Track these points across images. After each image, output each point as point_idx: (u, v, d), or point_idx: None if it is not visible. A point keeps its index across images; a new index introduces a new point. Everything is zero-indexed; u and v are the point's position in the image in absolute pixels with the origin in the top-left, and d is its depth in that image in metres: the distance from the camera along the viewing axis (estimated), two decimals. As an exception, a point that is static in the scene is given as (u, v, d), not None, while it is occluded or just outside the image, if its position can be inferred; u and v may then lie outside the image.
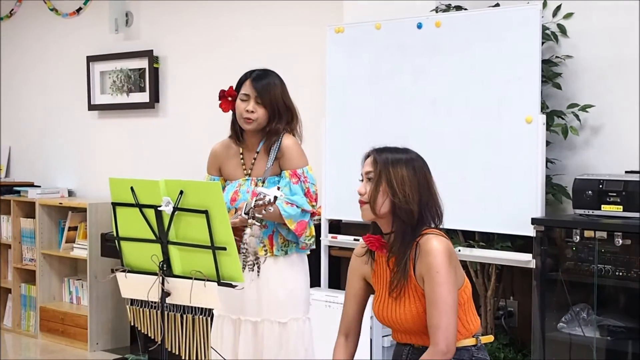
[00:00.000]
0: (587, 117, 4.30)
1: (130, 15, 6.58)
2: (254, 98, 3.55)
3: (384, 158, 2.88)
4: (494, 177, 4.27)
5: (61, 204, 6.62)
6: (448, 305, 2.76)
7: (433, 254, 2.79)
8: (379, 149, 2.94)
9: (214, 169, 3.74)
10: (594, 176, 4.03)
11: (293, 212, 3.48)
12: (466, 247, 4.41)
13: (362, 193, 2.89)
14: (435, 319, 2.76)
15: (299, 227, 3.51)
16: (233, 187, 3.62)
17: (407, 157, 2.90)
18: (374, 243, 2.94)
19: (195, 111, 6.21)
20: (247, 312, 3.57)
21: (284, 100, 3.59)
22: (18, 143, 7.54)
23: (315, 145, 4.88)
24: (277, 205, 3.41)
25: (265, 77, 3.60)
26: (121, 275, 3.17)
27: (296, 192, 3.51)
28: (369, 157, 2.93)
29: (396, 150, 2.93)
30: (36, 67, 7.35)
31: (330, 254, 4.98)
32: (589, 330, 3.94)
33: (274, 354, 3.55)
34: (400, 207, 2.82)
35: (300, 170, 3.55)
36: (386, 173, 2.85)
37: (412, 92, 4.55)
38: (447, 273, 2.78)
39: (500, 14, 4.29)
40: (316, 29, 5.24)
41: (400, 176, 2.84)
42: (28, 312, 6.86)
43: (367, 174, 2.90)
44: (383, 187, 2.84)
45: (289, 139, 3.58)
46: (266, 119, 3.56)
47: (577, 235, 3.92)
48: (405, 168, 2.86)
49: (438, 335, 2.75)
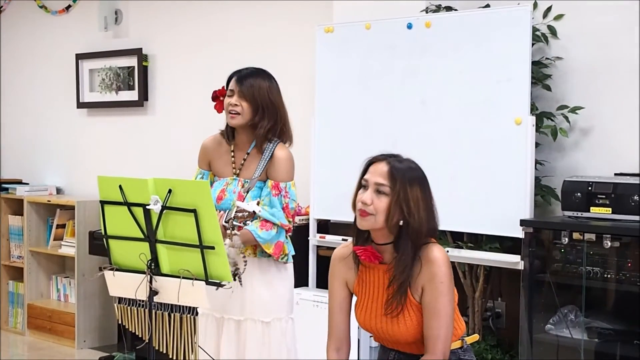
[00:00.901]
0: (576, 119, 4.31)
1: (120, 13, 6.56)
2: (237, 92, 3.56)
3: (402, 174, 2.76)
4: (483, 178, 4.26)
5: (49, 201, 6.60)
6: (449, 316, 2.76)
7: (437, 263, 2.76)
8: (391, 158, 2.81)
9: (204, 163, 3.73)
10: (583, 178, 4.03)
11: (268, 237, 3.47)
12: (454, 248, 4.41)
13: (367, 203, 2.76)
14: (436, 330, 2.74)
15: (276, 250, 3.51)
16: (220, 185, 3.61)
17: (419, 175, 2.80)
18: (369, 257, 2.83)
19: (184, 109, 6.20)
20: (230, 310, 3.57)
21: (269, 97, 3.57)
22: (6, 140, 7.50)
23: (305, 144, 4.87)
24: (252, 231, 3.42)
25: (252, 74, 3.60)
26: (109, 274, 3.16)
27: (274, 204, 3.50)
28: (380, 164, 2.79)
29: (409, 164, 2.81)
30: (25, 65, 7.32)
31: (318, 253, 4.97)
32: (576, 332, 3.94)
33: (256, 354, 3.54)
34: (413, 227, 2.74)
35: (284, 184, 3.53)
36: (404, 191, 2.73)
37: (401, 93, 4.55)
38: (449, 284, 2.77)
39: (491, 15, 4.29)
40: (306, 28, 5.23)
41: (415, 197, 2.75)
42: (16, 309, 6.83)
43: (377, 185, 2.76)
44: (399, 205, 2.73)
45: (283, 150, 3.57)
46: (250, 114, 3.55)
47: (566, 237, 3.92)
48: (419, 188, 2.77)
49: (437, 346, 2.74)
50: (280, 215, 3.50)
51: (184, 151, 6.07)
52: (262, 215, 3.44)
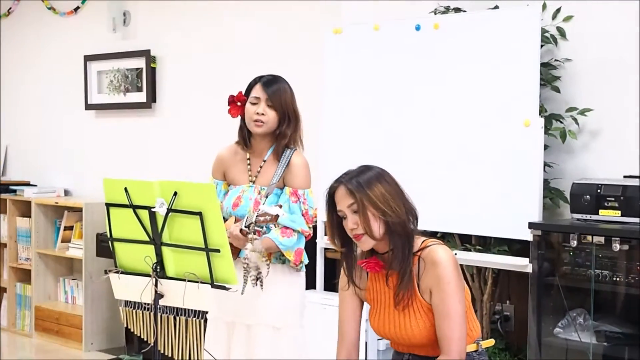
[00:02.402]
0: (585, 121, 4.27)
1: (128, 14, 6.56)
2: (264, 101, 3.52)
3: (356, 183, 2.79)
4: (492, 180, 4.24)
5: (57, 203, 6.60)
6: (460, 316, 2.74)
7: (442, 265, 2.75)
8: (343, 177, 2.84)
9: (218, 173, 3.70)
10: (592, 180, 4.00)
11: (290, 244, 3.46)
12: (463, 251, 4.39)
13: (354, 226, 2.79)
14: (449, 331, 2.72)
15: (296, 257, 3.51)
16: (236, 193, 3.58)
17: (374, 173, 2.83)
18: (372, 267, 2.86)
19: (192, 111, 6.19)
20: (241, 314, 3.54)
21: (292, 105, 3.57)
22: (15, 142, 7.51)
23: (312, 146, 4.85)
24: (273, 239, 3.42)
25: (276, 81, 3.58)
26: (114, 277, 3.15)
27: (294, 211, 3.49)
28: (338, 189, 2.83)
29: (360, 172, 2.84)
30: (33, 66, 7.33)
31: (326, 256, 4.95)
32: (585, 336, 3.91)
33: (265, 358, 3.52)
34: (394, 223, 2.76)
35: (302, 191, 3.52)
36: (367, 197, 2.76)
37: (410, 94, 4.52)
38: (457, 283, 2.76)
39: (499, 16, 4.27)
40: (314, 30, 5.21)
41: (380, 194, 2.77)
42: (23, 312, 6.84)
43: (349, 206, 2.79)
44: (371, 211, 2.76)
45: (300, 157, 3.56)
46: (276, 123, 3.53)
47: (575, 240, 3.89)
48: (379, 184, 2.79)
49: (452, 346, 2.72)
50: (301, 221, 3.49)
51: (192, 152, 6.07)
52: (282, 222, 3.42)
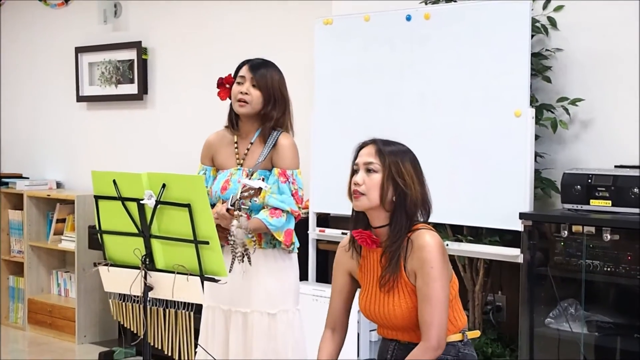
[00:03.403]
0: (577, 110, 4.27)
1: (119, 6, 6.54)
2: (249, 80, 3.54)
3: (390, 150, 2.83)
4: (483, 171, 4.24)
5: (49, 195, 6.59)
6: (441, 302, 2.74)
7: (427, 248, 2.76)
8: (381, 140, 2.87)
9: (207, 159, 3.72)
10: (583, 171, 4.00)
11: (279, 224, 3.46)
12: (454, 242, 4.38)
13: (360, 183, 2.82)
14: (429, 315, 2.73)
15: (286, 237, 3.50)
16: (224, 176, 3.59)
17: (409, 153, 2.87)
18: (365, 240, 2.88)
19: (184, 103, 6.18)
20: (237, 303, 3.55)
21: (280, 88, 3.57)
22: (6, 134, 7.49)
23: (304, 137, 4.84)
24: (262, 219, 3.43)
25: (264, 64, 3.60)
26: (104, 269, 3.14)
27: (284, 191, 3.49)
28: (367, 147, 2.86)
29: (398, 145, 2.88)
30: (25, 58, 7.30)
31: (318, 247, 4.95)
32: (576, 326, 3.91)
33: (263, 345, 3.53)
34: (411, 199, 2.79)
35: (290, 171, 3.52)
36: (396, 166, 2.80)
37: (400, 85, 4.52)
38: (441, 268, 2.76)
39: (490, 6, 4.25)
40: (305, 20, 5.20)
41: (408, 170, 2.81)
42: (16, 304, 6.82)
43: (367, 164, 2.83)
44: (393, 179, 2.79)
45: (287, 138, 3.57)
46: (261, 103, 3.53)
47: (566, 230, 3.89)
48: (409, 162, 2.84)
49: (431, 332, 2.73)
50: (290, 201, 3.48)
51: (184, 144, 6.05)
52: (271, 203, 3.44)
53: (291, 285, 3.62)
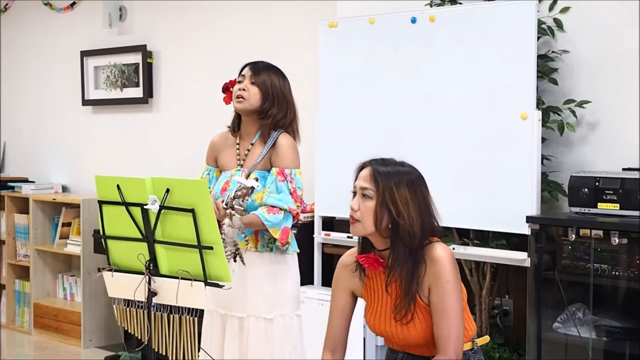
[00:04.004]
0: (583, 113, 4.24)
1: (124, 10, 6.53)
2: (248, 78, 3.56)
3: (385, 173, 2.72)
4: (489, 174, 4.21)
5: (55, 199, 6.58)
6: (458, 315, 2.71)
7: (441, 262, 2.71)
8: (377, 161, 2.77)
9: (211, 159, 3.72)
10: (590, 173, 3.96)
11: (275, 221, 3.43)
12: (460, 245, 4.35)
13: (354, 209, 2.74)
14: (446, 330, 2.69)
15: (283, 235, 3.46)
16: (225, 177, 3.59)
17: (407, 175, 2.74)
18: (372, 263, 2.80)
19: (189, 106, 6.17)
20: (233, 307, 3.53)
21: (281, 88, 3.57)
22: (12, 138, 7.49)
23: (308, 141, 4.82)
24: (259, 215, 3.40)
25: (266, 65, 3.62)
26: (108, 275, 3.12)
27: (282, 190, 3.47)
28: (365, 169, 2.77)
29: (394, 165, 2.76)
30: (30, 62, 7.30)
31: (323, 251, 4.93)
32: (584, 331, 3.88)
33: (259, 351, 3.51)
34: (404, 228, 2.69)
35: (289, 170, 3.50)
36: (389, 192, 2.70)
37: (405, 87, 4.49)
38: (456, 282, 2.72)
39: (496, 8, 4.23)
40: (309, 23, 5.19)
41: (403, 197, 2.70)
42: (22, 308, 6.82)
43: (362, 189, 2.74)
44: (386, 206, 2.69)
45: (286, 138, 3.55)
46: (259, 100, 3.53)
47: (573, 233, 3.86)
48: (407, 187, 2.71)
49: (449, 345, 2.68)
50: (288, 199, 3.46)
51: (189, 147, 6.04)
52: (269, 202, 3.43)
53: (289, 289, 3.59)
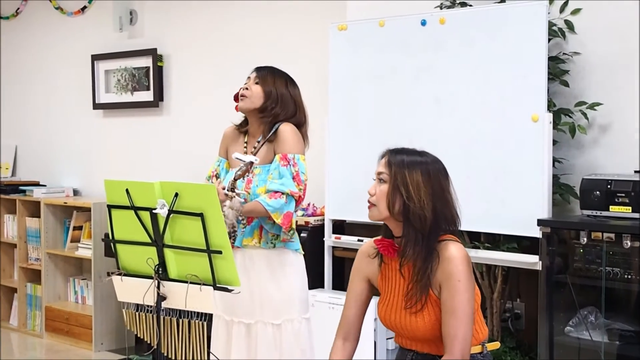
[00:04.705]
0: (595, 115, 4.21)
1: (135, 13, 6.53)
2: (252, 78, 3.59)
3: (399, 160, 2.79)
4: (500, 177, 4.19)
5: (66, 203, 6.59)
6: (467, 315, 2.70)
7: (454, 261, 2.71)
8: (395, 150, 2.85)
9: (222, 150, 3.74)
10: (602, 176, 3.94)
11: (277, 205, 3.41)
12: (471, 248, 4.33)
13: (371, 194, 2.81)
14: (454, 329, 2.69)
15: (285, 220, 3.44)
16: (232, 174, 3.56)
17: (422, 161, 2.81)
18: (387, 248, 2.84)
19: (200, 109, 6.16)
20: (240, 313, 3.52)
21: (289, 91, 3.57)
22: (24, 142, 7.51)
23: (319, 143, 4.81)
24: (260, 201, 3.39)
25: (271, 67, 3.64)
26: (117, 279, 3.12)
27: (284, 174, 3.46)
28: (384, 157, 2.85)
29: (412, 153, 2.84)
30: (41, 66, 7.32)
31: (333, 254, 4.91)
32: (596, 334, 3.85)
33: (268, 356, 3.48)
34: (414, 212, 2.72)
35: (292, 155, 3.49)
36: (402, 175, 2.76)
37: (416, 90, 4.48)
38: (468, 281, 2.71)
39: (506, 10, 4.21)
40: (320, 26, 5.18)
41: (415, 181, 2.75)
42: (34, 312, 6.83)
43: (378, 174, 2.82)
44: (398, 189, 2.75)
45: (288, 126, 3.55)
46: (261, 99, 3.53)
47: (585, 236, 3.83)
48: (420, 172, 2.77)
49: (455, 345, 2.68)
50: (290, 183, 3.45)
51: (199, 151, 6.03)
52: (271, 187, 3.42)
53: (296, 293, 3.57)
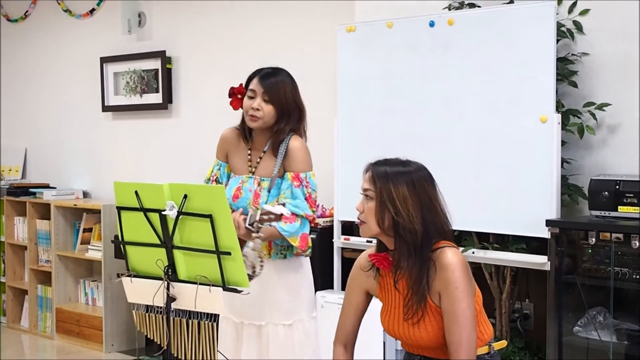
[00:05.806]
0: (603, 116, 4.21)
1: (143, 15, 6.55)
2: (260, 95, 3.47)
3: (383, 173, 2.75)
4: (509, 177, 4.19)
5: (76, 205, 6.61)
6: (469, 321, 2.70)
7: (451, 268, 2.70)
8: (377, 162, 2.81)
9: (222, 154, 3.69)
10: (610, 177, 3.95)
11: (293, 230, 3.40)
12: (480, 249, 4.34)
13: (360, 210, 2.79)
14: (457, 336, 2.69)
15: (302, 242, 3.44)
16: (236, 183, 3.56)
17: (406, 171, 2.76)
18: (382, 262, 2.83)
19: (208, 111, 6.17)
20: (250, 316, 3.52)
21: (294, 99, 3.51)
22: (33, 145, 7.54)
23: (328, 145, 4.83)
24: (275, 225, 3.35)
25: (275, 74, 3.52)
26: (127, 280, 3.13)
27: (297, 196, 3.44)
28: (367, 171, 2.81)
29: (395, 164, 2.79)
30: (50, 69, 7.35)
31: (343, 255, 4.92)
32: (605, 335, 3.85)
33: (280, 356, 3.49)
34: (404, 226, 2.71)
35: (304, 174, 3.47)
36: (387, 191, 2.72)
37: (424, 91, 4.48)
38: (466, 287, 2.71)
39: (514, 11, 4.22)
40: (328, 27, 5.18)
41: (402, 194, 2.72)
42: (44, 313, 6.86)
43: (364, 191, 2.79)
44: (385, 205, 2.72)
45: (297, 141, 3.51)
46: (274, 117, 3.48)
47: (593, 237, 3.83)
48: (405, 184, 2.73)
49: (460, 352, 2.68)
50: (304, 205, 3.43)
51: (208, 153, 6.02)
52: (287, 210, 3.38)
53: (305, 294, 3.58)
